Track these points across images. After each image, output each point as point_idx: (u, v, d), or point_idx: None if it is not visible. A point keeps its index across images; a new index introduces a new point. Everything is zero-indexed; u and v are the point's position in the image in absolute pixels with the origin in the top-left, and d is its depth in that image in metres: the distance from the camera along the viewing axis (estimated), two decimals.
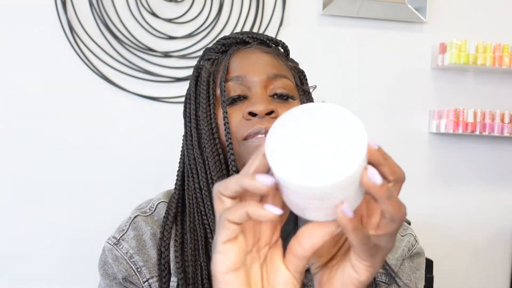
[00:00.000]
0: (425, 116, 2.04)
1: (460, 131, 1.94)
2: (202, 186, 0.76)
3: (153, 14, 1.82)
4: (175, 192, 0.81)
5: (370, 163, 0.41)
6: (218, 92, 0.77)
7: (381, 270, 0.77)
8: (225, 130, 0.74)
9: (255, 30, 1.88)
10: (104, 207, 1.83)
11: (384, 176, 0.41)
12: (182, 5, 1.84)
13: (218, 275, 0.44)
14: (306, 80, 0.85)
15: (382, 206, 0.41)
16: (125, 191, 1.84)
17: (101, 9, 1.79)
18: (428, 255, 1.12)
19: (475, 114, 1.96)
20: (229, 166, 0.73)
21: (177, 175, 0.82)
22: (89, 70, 1.81)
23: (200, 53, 1.85)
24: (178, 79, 1.85)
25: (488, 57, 1.93)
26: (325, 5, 1.92)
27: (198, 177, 0.77)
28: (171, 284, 0.76)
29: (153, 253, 0.78)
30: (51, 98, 1.79)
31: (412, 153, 2.04)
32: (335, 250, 0.49)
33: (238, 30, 1.88)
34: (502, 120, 1.97)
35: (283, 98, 0.76)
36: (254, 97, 0.75)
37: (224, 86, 0.76)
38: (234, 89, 0.76)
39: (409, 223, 0.87)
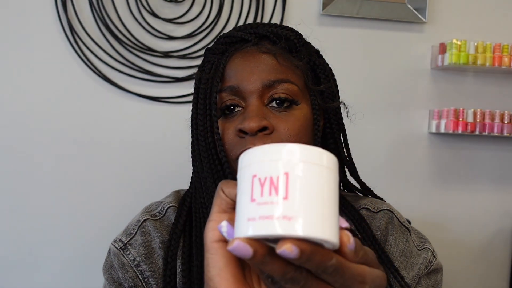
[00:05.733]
0: (425, 116, 2.04)
1: (459, 131, 1.94)
2: (207, 203, 0.71)
3: (153, 14, 1.82)
4: (186, 196, 0.77)
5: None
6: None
7: None
8: (218, 147, 0.68)
9: None
10: (104, 207, 1.83)
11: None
12: (182, 5, 1.84)
13: (209, 244, 0.42)
14: (326, 74, 0.75)
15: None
16: (124, 192, 1.84)
17: (101, 9, 1.79)
18: None
19: (474, 114, 1.96)
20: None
21: (190, 182, 0.77)
22: (89, 70, 1.81)
23: (201, 52, 1.86)
24: (178, 79, 1.85)
25: (487, 57, 1.93)
26: (325, 5, 1.92)
27: (203, 192, 0.72)
28: None
29: (161, 263, 0.72)
30: (51, 98, 1.79)
31: (412, 153, 2.04)
32: None
33: None
34: (502, 120, 1.97)
35: (283, 105, 0.68)
36: (246, 111, 0.67)
37: (216, 98, 0.68)
38: (225, 100, 0.69)
39: (409, 222, 0.85)
